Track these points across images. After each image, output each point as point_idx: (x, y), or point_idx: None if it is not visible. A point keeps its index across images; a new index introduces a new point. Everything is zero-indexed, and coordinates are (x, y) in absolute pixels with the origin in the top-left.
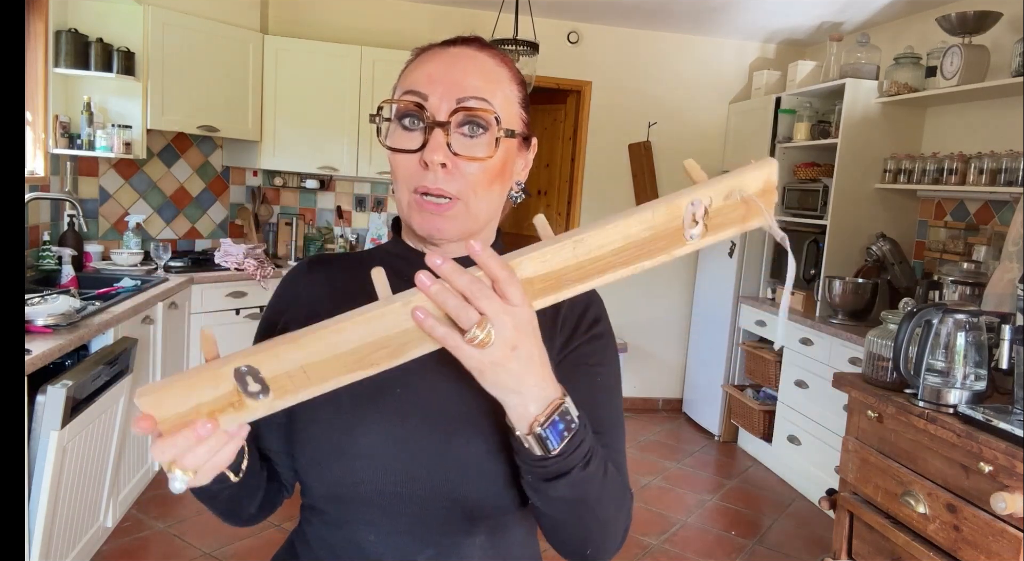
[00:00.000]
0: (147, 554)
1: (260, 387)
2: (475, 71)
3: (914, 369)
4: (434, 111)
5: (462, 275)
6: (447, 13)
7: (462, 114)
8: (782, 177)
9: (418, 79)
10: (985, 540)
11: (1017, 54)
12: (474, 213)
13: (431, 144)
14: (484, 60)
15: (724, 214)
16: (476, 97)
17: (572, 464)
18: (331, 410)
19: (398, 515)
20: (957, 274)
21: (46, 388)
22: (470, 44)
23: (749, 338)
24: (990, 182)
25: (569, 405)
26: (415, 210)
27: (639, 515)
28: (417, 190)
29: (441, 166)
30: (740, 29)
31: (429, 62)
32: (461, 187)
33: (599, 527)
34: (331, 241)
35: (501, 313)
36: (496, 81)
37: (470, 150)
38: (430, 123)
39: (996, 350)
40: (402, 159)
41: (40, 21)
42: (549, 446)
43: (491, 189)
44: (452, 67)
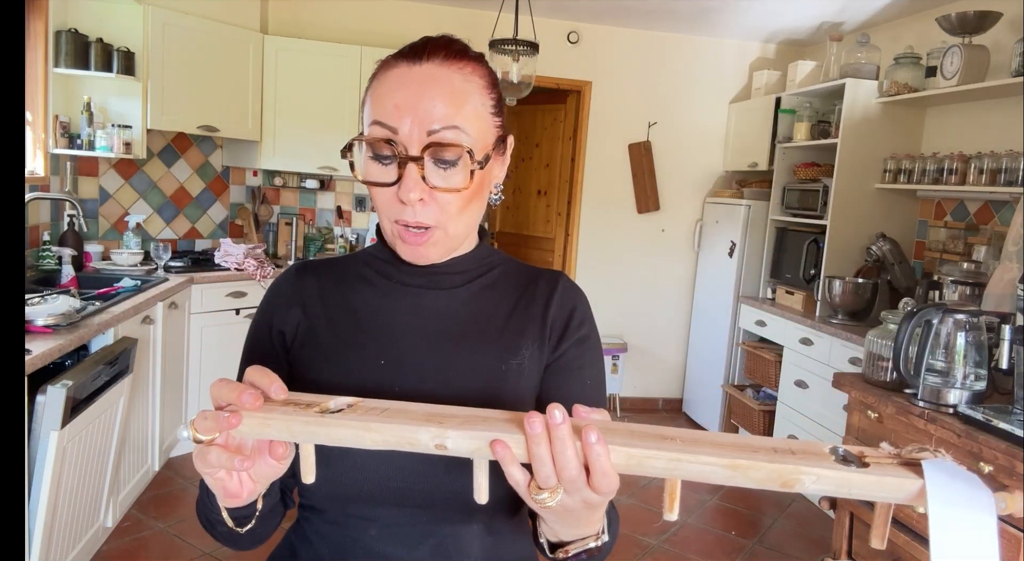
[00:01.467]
0: (147, 554)
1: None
2: (442, 96)
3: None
4: (405, 143)
5: (569, 449)
6: (447, 13)
7: (434, 149)
8: (783, 177)
9: (386, 110)
10: None
11: (1017, 54)
12: (453, 235)
13: (406, 181)
14: (450, 77)
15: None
16: (446, 126)
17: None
18: None
19: (399, 509)
20: (957, 274)
21: (46, 388)
22: (434, 57)
23: (749, 338)
24: (990, 182)
25: (601, 539)
26: (398, 238)
27: (639, 515)
28: (398, 222)
29: (418, 200)
30: (740, 29)
31: (396, 90)
32: (439, 217)
33: None
34: (331, 241)
35: (577, 494)
36: (464, 100)
37: (446, 180)
38: (402, 158)
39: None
40: (378, 192)
41: (40, 21)
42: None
43: (469, 210)
44: (420, 96)
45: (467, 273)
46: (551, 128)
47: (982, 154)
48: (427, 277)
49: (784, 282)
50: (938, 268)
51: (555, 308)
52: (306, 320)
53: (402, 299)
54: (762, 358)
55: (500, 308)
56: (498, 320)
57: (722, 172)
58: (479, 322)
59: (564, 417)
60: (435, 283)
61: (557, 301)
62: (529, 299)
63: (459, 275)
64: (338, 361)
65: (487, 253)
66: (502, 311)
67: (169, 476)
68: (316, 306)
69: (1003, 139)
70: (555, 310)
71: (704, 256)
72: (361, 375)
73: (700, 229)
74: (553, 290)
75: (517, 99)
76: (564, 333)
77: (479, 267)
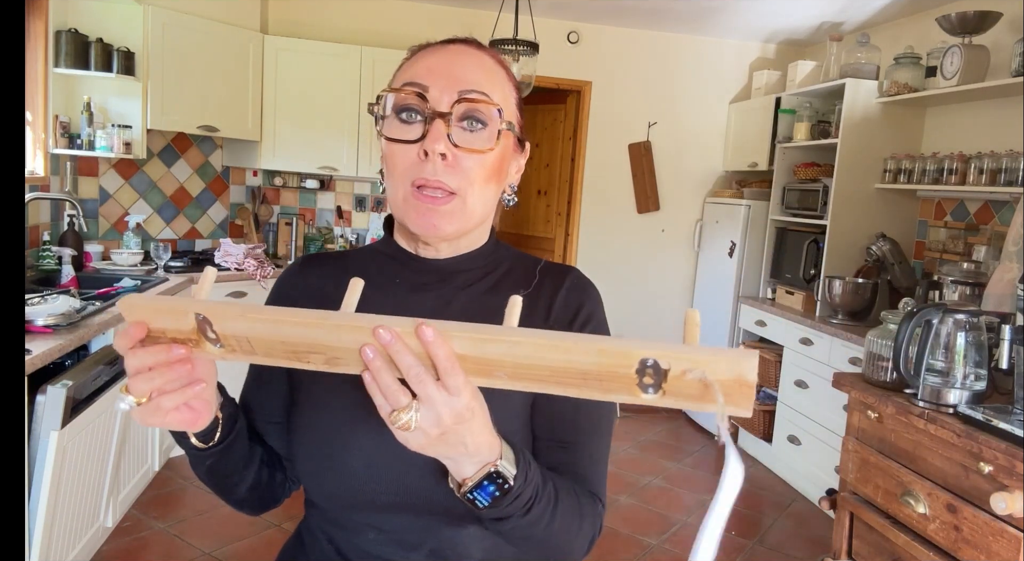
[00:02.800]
0: (147, 554)
1: (215, 337)
2: (476, 66)
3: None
4: (435, 103)
5: (406, 356)
6: (447, 13)
7: (464, 106)
8: (783, 177)
9: (418, 72)
10: (985, 540)
11: (1017, 54)
12: (470, 209)
13: (432, 134)
14: (483, 58)
15: (684, 387)
16: (477, 90)
17: (508, 514)
18: (325, 417)
19: (396, 516)
20: (957, 274)
21: (46, 388)
22: (469, 43)
23: (749, 338)
24: (990, 182)
25: (503, 467)
26: (411, 205)
27: (639, 515)
28: (415, 183)
29: (441, 156)
30: (740, 29)
31: (429, 56)
32: (460, 181)
33: (557, 545)
34: (331, 241)
35: (434, 402)
36: (496, 78)
37: (471, 143)
38: (431, 114)
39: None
40: (399, 151)
41: (40, 21)
42: (478, 505)
43: (488, 186)
44: (453, 62)
45: (473, 272)
46: (551, 128)
47: (982, 154)
48: (432, 275)
49: (784, 282)
50: (938, 268)
51: (559, 306)
52: None
53: (404, 300)
54: (762, 358)
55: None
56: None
57: (722, 172)
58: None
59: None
60: (439, 283)
61: (561, 299)
62: (534, 296)
63: (466, 273)
64: None
65: (495, 249)
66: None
67: (169, 476)
68: (319, 302)
69: (1003, 139)
70: (559, 308)
71: (704, 256)
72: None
73: (700, 229)
74: (559, 287)
75: None
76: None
77: (486, 264)
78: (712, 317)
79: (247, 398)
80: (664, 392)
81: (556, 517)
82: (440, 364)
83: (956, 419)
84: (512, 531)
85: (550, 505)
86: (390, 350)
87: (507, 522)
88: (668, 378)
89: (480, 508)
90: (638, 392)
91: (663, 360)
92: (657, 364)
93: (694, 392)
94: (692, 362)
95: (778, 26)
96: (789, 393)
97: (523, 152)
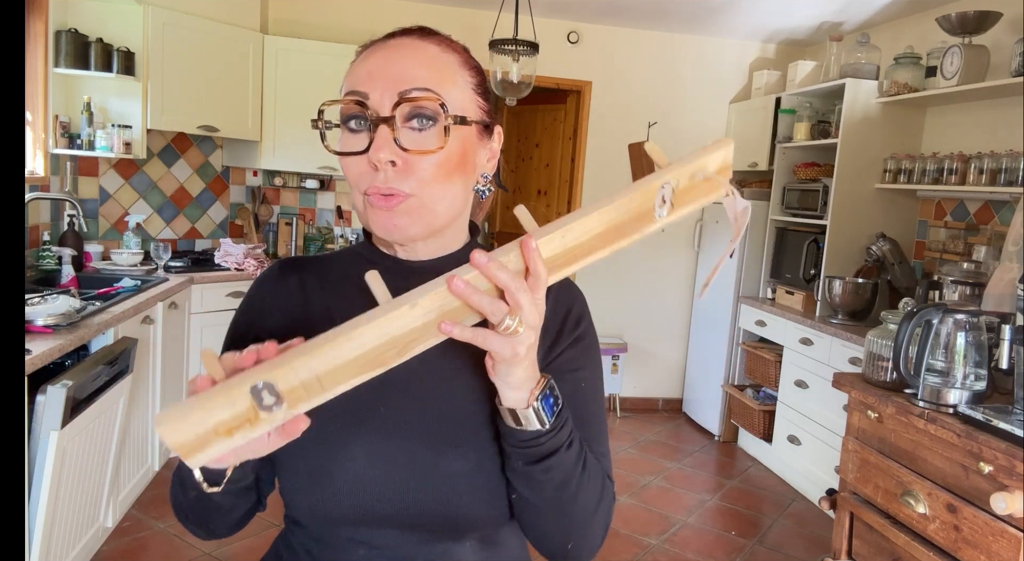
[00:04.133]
0: (147, 554)
1: (275, 400)
2: (416, 61)
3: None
4: (376, 108)
5: (502, 272)
6: (447, 13)
7: (406, 106)
8: (783, 177)
9: (359, 77)
10: (985, 540)
11: (1017, 54)
12: (430, 208)
13: (377, 142)
14: (426, 48)
15: (688, 193)
16: (419, 88)
17: (560, 443)
18: (313, 432)
19: (389, 531)
20: (957, 274)
21: (46, 388)
22: (411, 34)
23: (749, 338)
24: (990, 182)
25: (552, 382)
26: (370, 212)
27: (639, 515)
28: (368, 192)
29: (391, 164)
30: (740, 29)
31: (369, 58)
32: (413, 184)
33: (580, 517)
34: (331, 241)
35: (531, 306)
36: (441, 69)
37: (420, 143)
38: (373, 120)
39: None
40: (351, 163)
41: (40, 21)
42: (544, 417)
43: (449, 182)
44: (392, 60)
45: None
46: (551, 128)
47: (982, 154)
48: (411, 278)
49: (784, 282)
50: (938, 268)
51: (551, 310)
52: (287, 326)
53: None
54: (762, 358)
55: None
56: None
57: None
58: None
59: (490, 257)
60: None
61: (551, 303)
62: None
63: None
64: None
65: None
66: None
67: (169, 476)
68: (298, 310)
69: (1003, 139)
70: (551, 312)
71: (704, 256)
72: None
73: (700, 229)
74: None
75: (517, 99)
76: (559, 336)
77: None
78: (712, 317)
79: None
80: (673, 206)
81: (588, 467)
82: (535, 270)
83: (956, 419)
84: (556, 471)
85: (582, 449)
86: (487, 271)
87: (554, 458)
88: (676, 193)
89: (543, 425)
90: (653, 220)
91: (674, 179)
92: (670, 184)
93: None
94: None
95: (778, 26)
96: (789, 393)
97: (491, 137)
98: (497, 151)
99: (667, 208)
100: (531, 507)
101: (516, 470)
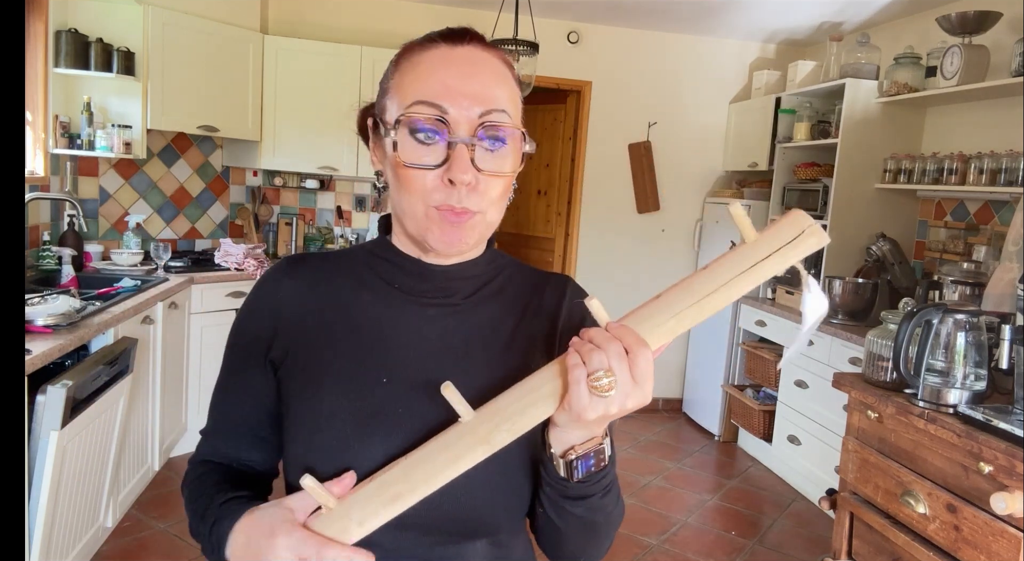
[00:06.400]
0: (147, 554)
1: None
2: (492, 79)
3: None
4: (456, 125)
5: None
6: (447, 13)
7: (486, 129)
8: (783, 177)
9: (433, 89)
10: (985, 540)
11: (1017, 54)
12: (490, 223)
13: (458, 163)
14: (495, 64)
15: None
16: (498, 109)
17: (593, 491)
18: (332, 434)
19: (401, 534)
20: (957, 274)
21: (46, 388)
22: (475, 41)
23: (749, 338)
24: (990, 182)
25: (606, 444)
26: (434, 222)
27: (639, 515)
28: (440, 207)
29: (466, 184)
30: (740, 29)
31: (440, 68)
32: (482, 202)
33: (600, 542)
34: (331, 241)
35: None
36: (507, 85)
37: (495, 165)
38: (454, 139)
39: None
40: (418, 175)
41: (40, 21)
42: (575, 475)
43: (503, 200)
44: (469, 75)
45: (475, 279)
46: (551, 128)
47: (982, 154)
48: (432, 283)
49: (784, 282)
50: (938, 268)
51: (564, 319)
52: (297, 326)
53: (404, 308)
54: (762, 358)
55: (507, 320)
56: (504, 334)
57: (722, 172)
58: (485, 337)
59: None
60: (441, 290)
61: (566, 311)
62: (536, 308)
63: (467, 281)
64: (336, 375)
65: (495, 257)
66: (508, 324)
67: (169, 476)
68: (309, 310)
69: (1003, 139)
70: (564, 321)
71: (704, 256)
72: (361, 392)
73: (700, 229)
74: (562, 299)
75: None
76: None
77: (487, 272)
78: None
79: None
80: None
81: (618, 505)
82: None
83: (956, 419)
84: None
85: (617, 492)
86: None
87: (585, 502)
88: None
89: (571, 479)
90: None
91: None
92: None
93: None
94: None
95: (778, 26)
96: (789, 393)
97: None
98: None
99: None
100: (553, 526)
101: (546, 494)
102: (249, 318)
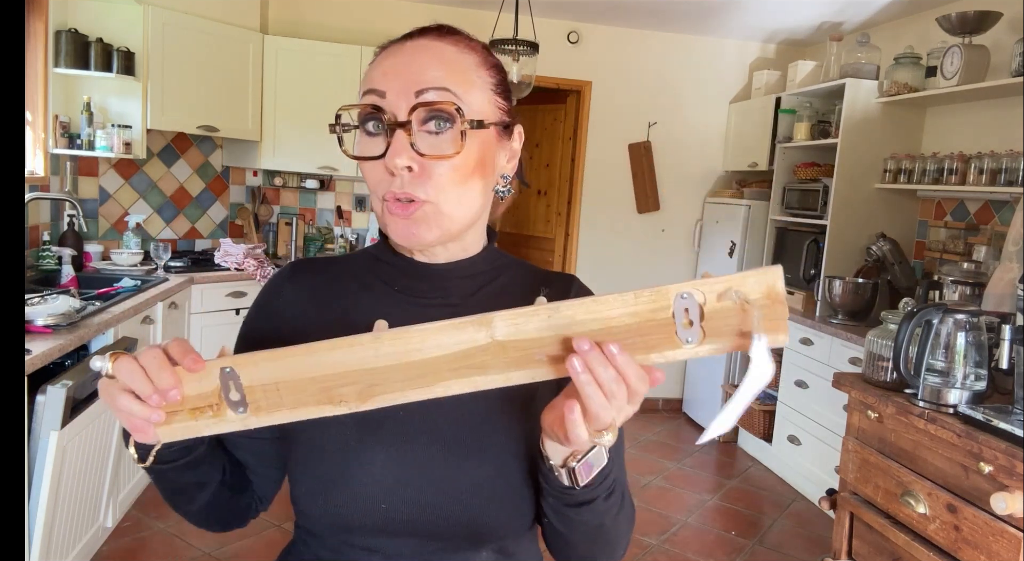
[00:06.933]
0: (147, 554)
1: (240, 397)
2: (433, 62)
3: (914, 369)
4: (392, 110)
5: (607, 369)
6: (447, 13)
7: (422, 110)
8: (783, 177)
9: (374, 78)
10: (985, 540)
11: (1017, 54)
12: (448, 214)
13: (393, 148)
14: (444, 49)
15: (722, 318)
16: (436, 88)
17: (596, 495)
18: (333, 435)
19: (405, 540)
20: (957, 274)
21: (46, 388)
22: (429, 34)
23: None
24: (990, 182)
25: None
26: (388, 217)
27: (639, 515)
28: (386, 198)
29: (407, 169)
30: (740, 29)
31: (385, 59)
32: (430, 190)
33: (610, 546)
34: (331, 241)
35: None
36: (460, 69)
37: (437, 148)
38: (390, 124)
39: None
40: (370, 167)
41: (40, 21)
42: (579, 480)
43: (466, 187)
44: (408, 61)
45: (475, 279)
46: (551, 128)
47: (982, 154)
48: (430, 282)
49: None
50: (938, 268)
51: None
52: (300, 329)
53: (404, 309)
54: None
55: None
56: None
57: (722, 172)
58: None
59: (591, 345)
60: (439, 290)
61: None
62: None
63: (465, 280)
64: None
65: (496, 256)
66: None
67: None
68: (311, 314)
69: (1003, 139)
70: None
71: (704, 256)
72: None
73: (700, 229)
74: (566, 295)
75: (517, 99)
76: None
77: (488, 271)
78: None
79: None
80: (704, 333)
81: (624, 505)
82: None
83: (956, 419)
84: (591, 516)
85: (621, 493)
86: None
87: (588, 506)
88: (705, 314)
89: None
90: (678, 342)
91: (696, 291)
92: (692, 296)
93: (732, 328)
94: (724, 283)
95: (778, 26)
96: (789, 393)
97: (512, 137)
98: (518, 151)
99: (696, 333)
100: (560, 536)
101: (549, 504)
102: (253, 321)
